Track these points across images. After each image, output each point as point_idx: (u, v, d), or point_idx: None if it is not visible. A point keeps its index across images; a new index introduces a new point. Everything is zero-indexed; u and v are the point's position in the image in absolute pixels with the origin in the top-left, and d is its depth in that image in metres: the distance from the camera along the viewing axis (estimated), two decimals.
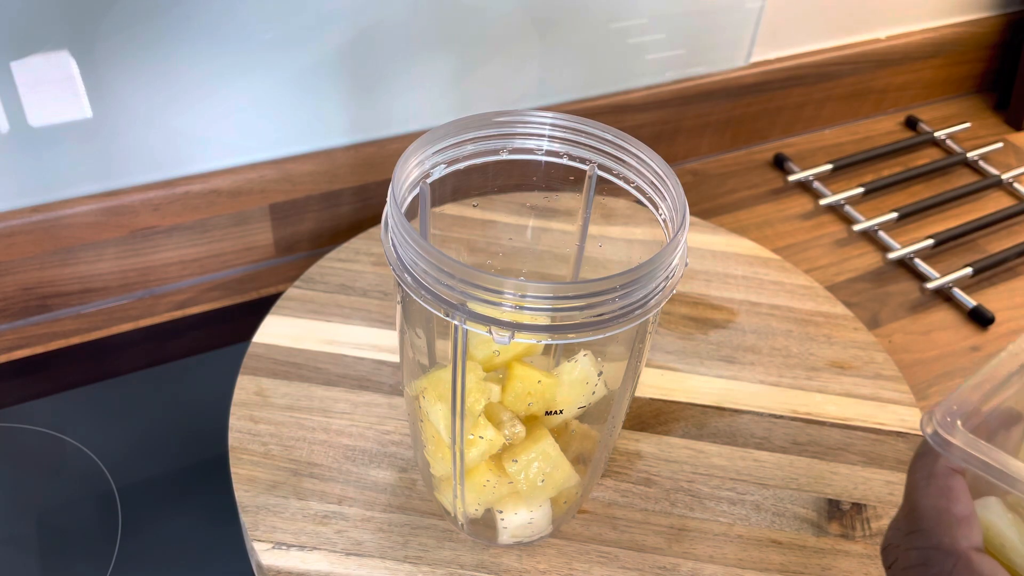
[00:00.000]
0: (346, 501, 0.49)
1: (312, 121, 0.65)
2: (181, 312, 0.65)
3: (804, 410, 0.56)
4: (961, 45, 0.92)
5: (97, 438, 0.55)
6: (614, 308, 0.35)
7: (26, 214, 0.59)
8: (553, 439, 0.42)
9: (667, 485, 0.51)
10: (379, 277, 0.62)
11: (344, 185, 0.68)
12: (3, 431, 0.55)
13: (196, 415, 0.56)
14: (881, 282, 0.72)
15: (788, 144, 0.87)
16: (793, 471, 0.53)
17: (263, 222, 0.67)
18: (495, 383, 0.41)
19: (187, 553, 0.50)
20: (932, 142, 0.89)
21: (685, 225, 0.38)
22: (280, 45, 0.60)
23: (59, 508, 0.51)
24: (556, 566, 0.47)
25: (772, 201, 0.80)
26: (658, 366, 0.58)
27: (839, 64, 0.85)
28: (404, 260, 0.37)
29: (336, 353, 0.56)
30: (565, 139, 0.44)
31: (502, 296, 0.34)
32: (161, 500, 0.52)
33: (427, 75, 0.67)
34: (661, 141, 0.80)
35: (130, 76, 0.57)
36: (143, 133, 0.60)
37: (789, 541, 0.49)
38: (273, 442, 0.51)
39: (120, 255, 0.63)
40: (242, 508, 0.48)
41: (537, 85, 0.72)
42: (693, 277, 0.65)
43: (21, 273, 0.60)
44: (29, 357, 0.60)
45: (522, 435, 0.41)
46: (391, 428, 0.53)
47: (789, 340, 0.61)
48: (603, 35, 0.72)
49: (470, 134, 0.43)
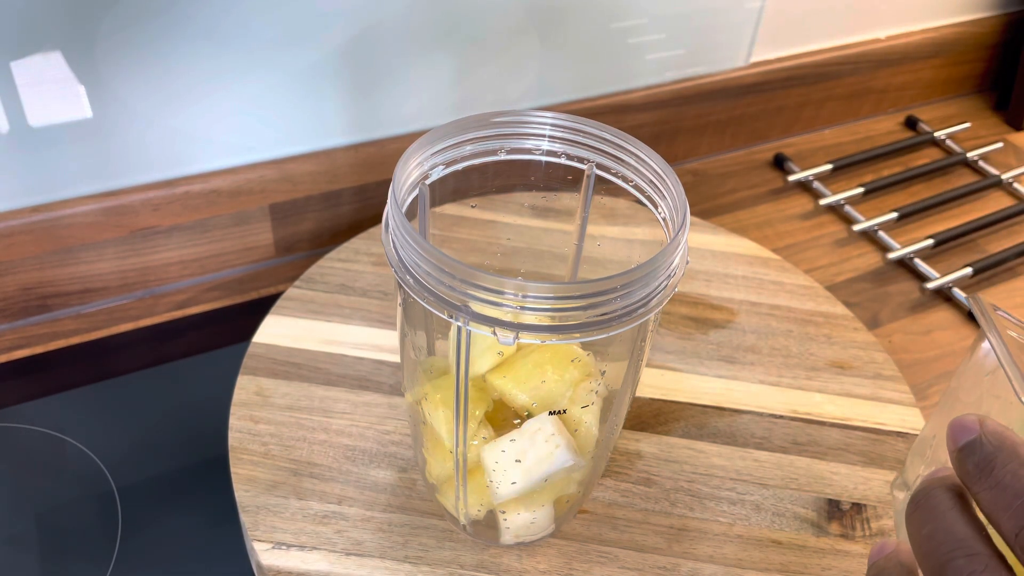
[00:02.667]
0: (346, 501, 0.49)
1: (312, 121, 0.65)
2: (181, 312, 0.65)
3: (804, 410, 0.56)
4: (961, 45, 0.92)
5: (97, 438, 0.55)
6: (616, 308, 0.35)
7: (26, 214, 0.59)
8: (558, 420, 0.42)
9: (667, 485, 0.51)
10: (379, 277, 0.62)
11: (344, 185, 0.68)
12: (3, 431, 0.55)
13: (196, 415, 0.56)
14: (881, 282, 0.72)
15: (788, 144, 0.87)
16: (793, 471, 0.53)
17: (263, 222, 0.66)
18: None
19: (187, 553, 0.50)
20: (932, 142, 0.89)
21: (686, 224, 0.38)
22: (280, 45, 0.60)
23: (59, 508, 0.51)
24: (556, 566, 0.47)
25: (772, 201, 0.80)
26: (658, 366, 0.58)
27: (839, 64, 0.85)
28: (405, 261, 0.37)
29: (336, 353, 0.56)
30: (564, 139, 0.44)
31: (504, 296, 0.34)
32: (161, 500, 0.52)
33: (427, 75, 0.67)
34: (661, 141, 0.80)
35: (130, 76, 0.57)
36: (143, 133, 0.60)
37: (789, 541, 0.49)
38: (273, 442, 0.51)
39: (120, 255, 0.63)
40: (242, 508, 0.48)
41: (537, 85, 0.72)
42: (693, 277, 0.65)
43: (21, 273, 0.60)
44: (29, 357, 0.60)
45: None
46: (391, 428, 0.53)
47: (789, 340, 0.61)
48: (603, 35, 0.72)
49: (469, 134, 0.43)
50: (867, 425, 0.56)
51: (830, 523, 0.50)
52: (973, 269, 0.72)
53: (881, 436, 0.55)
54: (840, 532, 0.50)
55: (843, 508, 0.51)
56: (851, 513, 0.51)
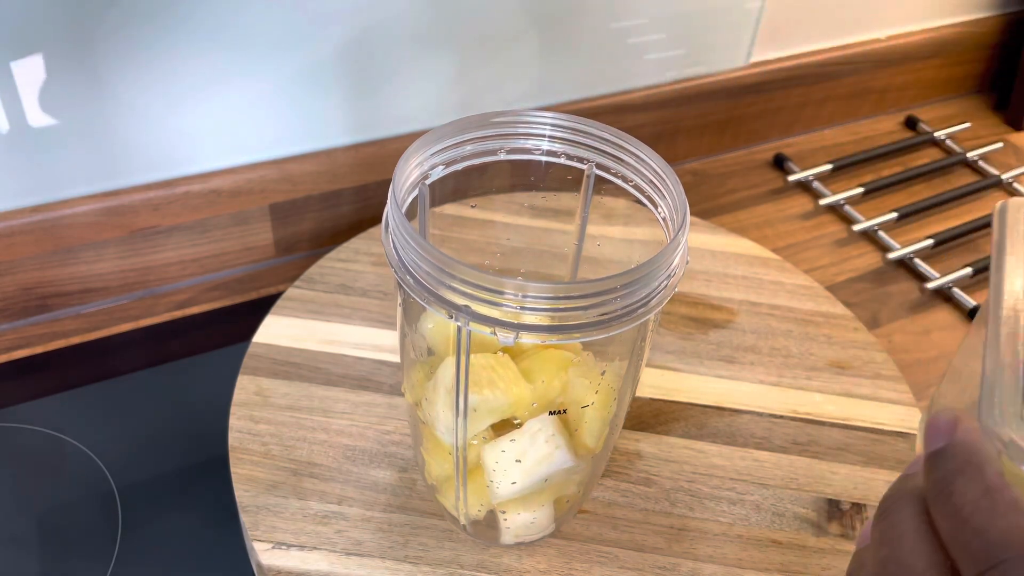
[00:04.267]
0: (346, 501, 0.49)
1: (312, 121, 0.65)
2: (181, 312, 0.65)
3: (804, 410, 0.56)
4: (961, 45, 0.92)
5: (97, 438, 0.55)
6: (616, 308, 0.35)
7: (26, 214, 0.59)
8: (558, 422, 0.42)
9: (667, 485, 0.51)
10: (379, 277, 0.62)
11: (344, 185, 0.68)
12: (3, 431, 0.55)
13: (196, 415, 0.56)
14: (881, 282, 0.72)
15: (788, 144, 0.87)
16: (793, 471, 0.53)
17: (263, 222, 0.66)
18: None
19: (187, 553, 0.50)
20: (932, 142, 0.89)
21: (686, 224, 0.38)
22: (280, 45, 0.60)
23: (59, 508, 0.51)
24: (556, 566, 0.47)
25: (772, 201, 0.80)
26: (658, 366, 0.58)
27: (839, 64, 0.85)
28: (405, 261, 0.37)
29: (336, 353, 0.56)
30: (564, 139, 0.44)
31: (504, 296, 0.34)
32: (161, 500, 0.52)
33: (427, 75, 0.67)
34: (661, 141, 0.80)
35: (130, 76, 0.57)
36: (143, 133, 0.60)
37: (789, 541, 0.49)
38: (273, 442, 0.51)
39: (120, 255, 0.63)
40: (242, 508, 0.48)
41: (537, 85, 0.72)
42: (693, 277, 0.65)
43: (21, 273, 0.60)
44: (29, 357, 0.60)
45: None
46: (391, 428, 0.53)
47: (789, 340, 0.61)
48: (603, 35, 0.72)
49: (469, 134, 0.43)
50: (867, 425, 0.56)
51: (830, 523, 0.50)
52: (973, 269, 0.72)
53: (881, 436, 0.55)
54: (840, 532, 0.50)
55: (843, 508, 0.51)
56: (851, 513, 0.51)
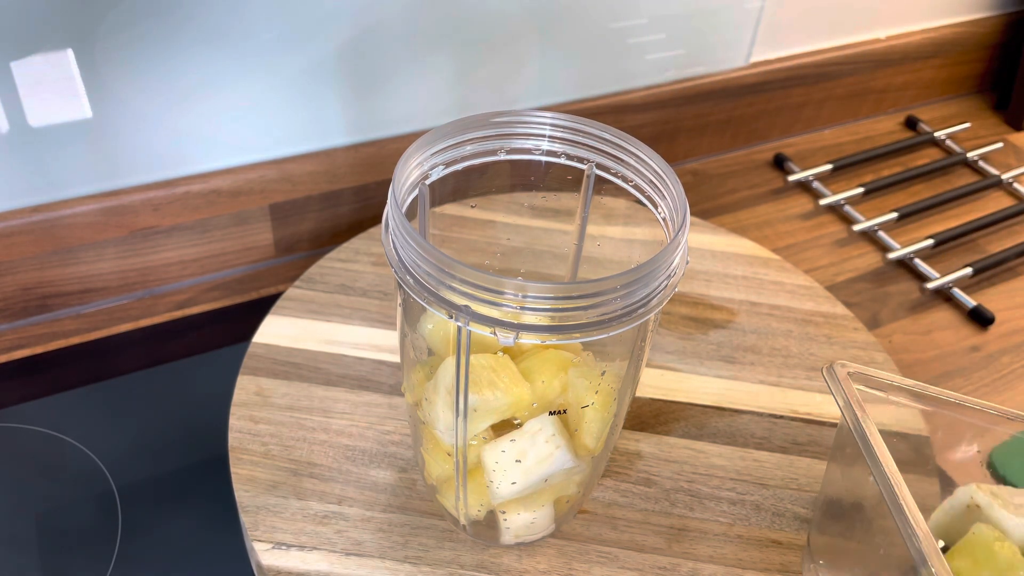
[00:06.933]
0: (346, 501, 0.49)
1: (312, 121, 0.65)
2: (181, 312, 0.65)
3: (804, 410, 0.56)
4: (961, 45, 0.92)
5: (97, 438, 0.55)
6: (616, 308, 0.35)
7: (26, 214, 0.59)
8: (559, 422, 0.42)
9: (667, 485, 0.51)
10: (379, 277, 0.62)
11: (344, 185, 0.68)
12: (3, 431, 0.55)
13: (196, 415, 0.56)
14: (881, 282, 0.72)
15: (788, 144, 0.87)
16: (793, 471, 0.53)
17: (263, 222, 0.66)
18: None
19: (187, 553, 0.50)
20: (932, 142, 0.89)
21: (686, 224, 0.38)
22: (280, 45, 0.60)
23: (59, 508, 0.51)
24: (556, 566, 0.47)
25: (772, 201, 0.80)
26: (658, 366, 0.58)
27: (839, 64, 0.85)
28: (405, 261, 0.37)
29: (336, 353, 0.56)
30: (564, 139, 0.44)
31: (504, 296, 0.34)
32: (161, 500, 0.52)
33: (427, 75, 0.67)
34: (661, 141, 0.80)
35: (130, 76, 0.57)
36: (143, 133, 0.60)
37: (789, 541, 0.49)
38: (273, 442, 0.51)
39: (120, 255, 0.63)
40: (242, 508, 0.48)
41: (537, 85, 0.72)
42: (693, 277, 0.65)
43: (21, 273, 0.60)
44: (29, 357, 0.60)
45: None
46: (391, 428, 0.53)
47: (789, 340, 0.61)
48: (603, 35, 0.72)
49: (469, 134, 0.43)
50: None
51: None
52: (973, 269, 0.72)
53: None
54: None
55: None
56: None
